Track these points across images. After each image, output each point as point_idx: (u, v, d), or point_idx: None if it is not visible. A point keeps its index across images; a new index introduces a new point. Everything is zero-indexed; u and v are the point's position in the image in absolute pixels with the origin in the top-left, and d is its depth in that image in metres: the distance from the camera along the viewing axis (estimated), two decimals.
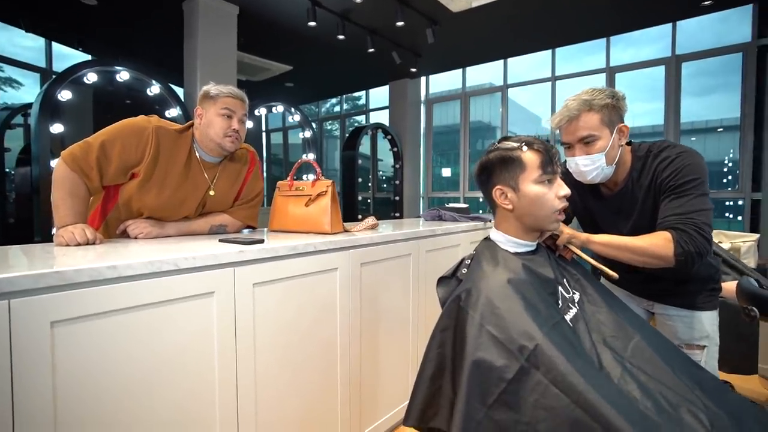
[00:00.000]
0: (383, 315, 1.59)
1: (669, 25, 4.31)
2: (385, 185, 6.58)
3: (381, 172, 6.69)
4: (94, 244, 1.11)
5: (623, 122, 1.07)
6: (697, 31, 4.54)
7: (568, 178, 1.11)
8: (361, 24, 3.96)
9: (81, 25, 4.19)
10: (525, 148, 0.88)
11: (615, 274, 0.98)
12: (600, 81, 4.81)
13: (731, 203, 5.16)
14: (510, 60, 5.45)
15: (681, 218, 0.97)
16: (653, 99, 4.60)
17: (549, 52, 5.11)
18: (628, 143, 1.13)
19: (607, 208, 1.17)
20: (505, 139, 0.93)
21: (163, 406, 0.93)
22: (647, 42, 4.99)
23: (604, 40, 4.69)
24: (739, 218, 4.75)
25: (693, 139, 6.24)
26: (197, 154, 1.36)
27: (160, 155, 1.26)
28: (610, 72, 4.74)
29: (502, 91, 5.58)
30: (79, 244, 1.08)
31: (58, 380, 0.77)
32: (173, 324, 0.94)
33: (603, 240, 1.04)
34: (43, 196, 2.87)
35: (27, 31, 4.17)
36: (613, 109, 1.05)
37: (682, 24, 4.28)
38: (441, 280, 0.94)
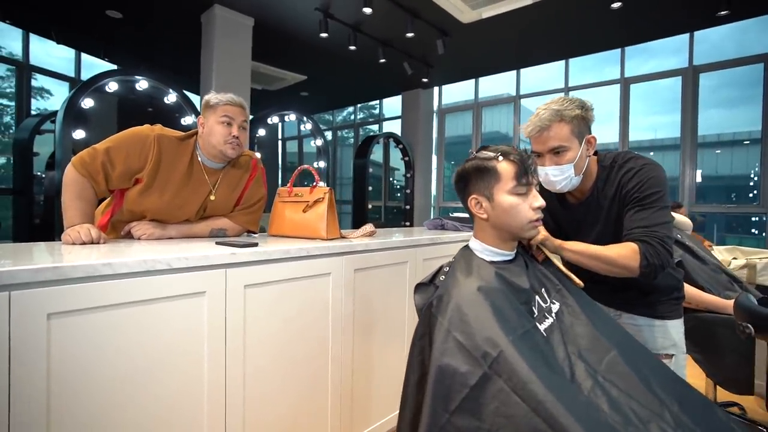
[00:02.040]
0: (378, 321, 1.61)
1: (687, 36, 4.25)
2: (398, 194, 6.61)
3: (395, 181, 6.73)
4: (98, 243, 1.17)
5: (591, 133, 1.10)
6: (717, 41, 4.46)
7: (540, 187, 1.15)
8: (372, 35, 4.04)
9: (107, 36, 4.40)
10: (501, 158, 0.90)
11: (581, 282, 1.00)
12: (614, 92, 4.76)
13: (757, 219, 4.99)
14: (524, 70, 5.44)
15: (646, 231, 1.00)
16: (673, 111, 4.52)
17: (563, 62, 5.09)
18: (595, 153, 1.16)
19: (572, 216, 1.20)
20: (484, 148, 0.95)
21: (151, 400, 0.97)
22: (667, 53, 4.93)
23: (619, 50, 4.65)
24: (765, 234, 4.59)
25: (718, 151, 6.08)
26: (200, 160, 1.43)
27: (162, 161, 1.33)
28: (625, 83, 4.69)
29: (514, 101, 5.57)
30: (84, 243, 1.14)
31: (53, 369, 0.82)
32: (165, 321, 0.99)
33: (574, 248, 1.06)
34: None
35: (58, 43, 4.41)
36: (582, 120, 1.07)
37: (701, 34, 4.21)
38: (419, 287, 0.96)
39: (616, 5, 3.07)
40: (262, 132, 4.71)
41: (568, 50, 4.60)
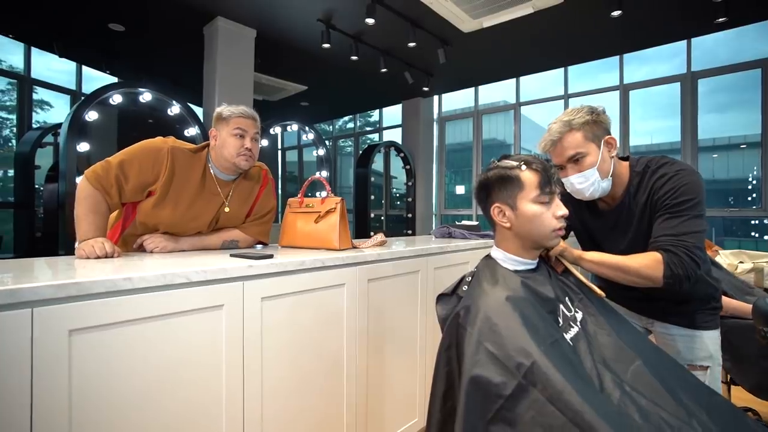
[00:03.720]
0: (391, 331, 1.60)
1: (684, 42, 4.31)
2: (398, 202, 6.61)
3: (395, 189, 6.73)
4: (112, 257, 1.16)
5: (609, 134, 1.09)
6: (714, 47, 4.52)
7: (565, 194, 1.12)
8: (373, 45, 4.08)
9: (109, 49, 4.42)
10: (524, 167, 0.90)
11: (602, 293, 0.98)
12: (614, 98, 4.80)
13: (756, 222, 5.01)
14: (523, 77, 5.49)
15: (673, 240, 0.97)
16: (671, 115, 4.56)
17: (562, 69, 5.14)
18: (626, 158, 1.14)
19: (604, 223, 1.18)
20: (505, 157, 0.95)
21: (171, 414, 0.95)
22: (664, 59, 4.98)
23: (617, 57, 4.70)
24: (766, 237, 4.60)
25: (715, 156, 6.13)
26: (212, 172, 1.42)
27: (175, 174, 1.32)
28: (624, 89, 4.73)
29: (514, 109, 5.61)
30: (98, 257, 1.13)
31: (74, 385, 0.81)
32: (184, 335, 0.98)
33: (594, 258, 1.04)
34: (68, 211, 3.00)
35: (60, 56, 4.42)
36: (594, 124, 1.06)
37: (698, 40, 4.26)
38: (440, 297, 0.95)
39: (616, 13, 3.10)
40: (263, 143, 4.72)
41: (568, 58, 4.65)
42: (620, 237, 1.13)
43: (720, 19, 3.18)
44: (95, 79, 5.36)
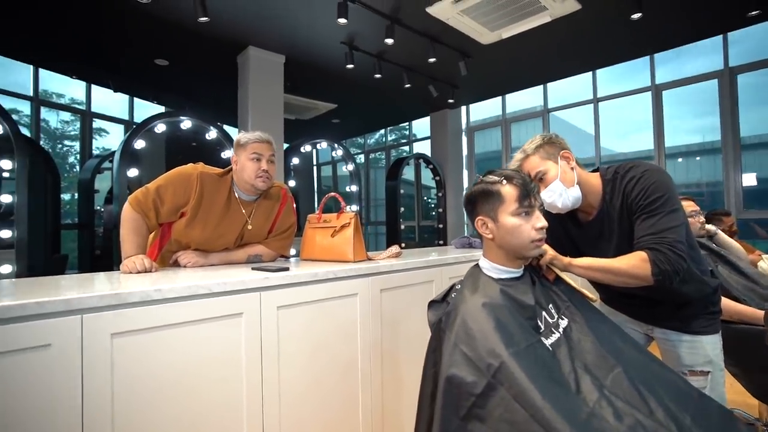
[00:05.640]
0: (405, 340, 1.67)
1: (721, 37, 4.11)
2: (432, 213, 6.66)
3: (429, 200, 6.79)
4: (150, 271, 1.33)
5: (564, 150, 1.17)
6: (755, 40, 4.26)
7: (551, 214, 1.18)
8: (396, 62, 4.22)
9: (156, 82, 4.86)
10: (504, 182, 0.97)
11: (594, 297, 1.02)
12: (645, 100, 4.64)
13: None
14: (552, 82, 5.42)
15: (655, 238, 1.01)
16: (712, 113, 4.33)
17: (590, 72, 5.04)
18: (596, 170, 1.19)
19: (587, 233, 1.21)
20: (490, 172, 1.02)
21: (197, 409, 1.09)
22: (706, 53, 4.75)
23: (647, 57, 4.55)
24: None
25: None
26: (236, 194, 1.58)
27: (204, 197, 1.49)
28: (657, 90, 4.56)
29: (543, 115, 5.54)
30: (139, 272, 1.30)
31: (116, 380, 0.95)
32: (207, 340, 1.11)
33: (583, 263, 1.08)
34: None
35: (115, 91, 4.92)
36: (547, 144, 1.16)
37: (740, 34, 4.05)
38: (431, 304, 1.03)
39: (636, 16, 3.05)
40: (296, 160, 4.96)
41: (594, 62, 4.56)
42: (606, 244, 1.16)
43: (753, 12, 3.05)
44: (145, 107, 5.89)
